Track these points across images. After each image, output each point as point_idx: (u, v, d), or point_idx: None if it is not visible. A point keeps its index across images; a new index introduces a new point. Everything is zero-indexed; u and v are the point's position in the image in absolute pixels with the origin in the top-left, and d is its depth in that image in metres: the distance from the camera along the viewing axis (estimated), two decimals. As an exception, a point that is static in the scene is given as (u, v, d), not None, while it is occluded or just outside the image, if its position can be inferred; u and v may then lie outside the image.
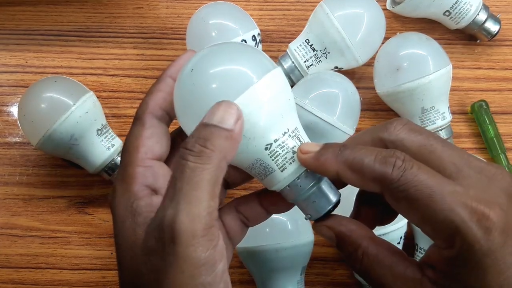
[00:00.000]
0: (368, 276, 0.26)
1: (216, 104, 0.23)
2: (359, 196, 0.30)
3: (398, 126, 0.26)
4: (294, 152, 0.26)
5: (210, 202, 0.22)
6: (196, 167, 0.22)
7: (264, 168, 0.26)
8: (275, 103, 0.25)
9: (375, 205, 0.28)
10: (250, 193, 0.30)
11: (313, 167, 0.26)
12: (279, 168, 0.26)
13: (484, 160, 0.26)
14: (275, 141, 0.25)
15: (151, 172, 0.26)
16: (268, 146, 0.25)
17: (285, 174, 0.26)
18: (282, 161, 0.25)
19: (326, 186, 0.27)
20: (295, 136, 0.26)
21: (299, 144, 0.26)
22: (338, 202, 0.27)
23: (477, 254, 0.22)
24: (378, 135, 0.26)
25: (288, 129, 0.26)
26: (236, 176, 0.29)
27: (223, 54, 0.25)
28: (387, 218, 0.29)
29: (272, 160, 0.25)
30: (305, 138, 0.27)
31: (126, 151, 0.27)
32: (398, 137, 0.25)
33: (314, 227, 0.28)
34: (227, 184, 0.29)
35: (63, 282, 0.46)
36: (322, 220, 0.27)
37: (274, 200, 0.28)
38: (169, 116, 0.28)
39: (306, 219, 0.27)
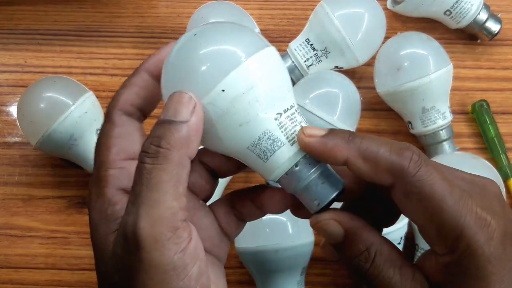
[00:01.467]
0: (375, 279, 0.24)
1: (169, 96, 0.22)
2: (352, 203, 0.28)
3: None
4: (302, 127, 0.24)
5: (172, 203, 0.21)
6: (153, 168, 0.21)
7: (272, 142, 0.24)
8: (284, 73, 0.25)
9: (371, 212, 0.27)
10: (244, 188, 0.28)
11: (318, 153, 0.24)
12: (289, 141, 0.24)
13: (470, 173, 0.25)
14: (285, 111, 0.24)
15: (125, 174, 0.25)
16: (278, 116, 0.24)
17: (295, 148, 0.24)
18: (291, 134, 0.24)
19: (331, 168, 0.25)
20: (300, 113, 0.25)
21: (306, 121, 0.24)
22: (344, 184, 0.25)
23: (479, 260, 0.22)
24: None
25: (294, 103, 0.25)
26: (222, 164, 0.27)
27: (226, 25, 0.25)
28: (385, 223, 0.28)
29: (282, 131, 0.24)
30: (305, 121, 0.25)
31: (98, 152, 0.25)
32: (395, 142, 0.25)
33: (316, 222, 0.25)
34: (216, 174, 0.28)
35: (63, 282, 0.46)
36: (325, 210, 0.25)
37: (266, 201, 0.27)
38: (141, 112, 0.27)
39: (312, 208, 0.24)
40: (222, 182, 0.46)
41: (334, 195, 0.24)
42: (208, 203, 0.29)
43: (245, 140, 0.24)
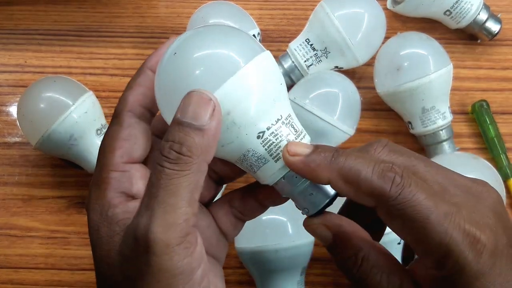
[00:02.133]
0: (362, 283, 0.24)
1: (188, 95, 0.22)
2: (344, 211, 0.29)
3: (378, 148, 0.25)
4: (288, 141, 0.24)
5: (187, 209, 0.21)
6: (173, 173, 0.21)
7: (256, 159, 0.24)
8: (267, 88, 0.23)
9: (362, 221, 0.27)
10: (243, 186, 0.28)
11: (301, 172, 0.24)
12: (273, 158, 0.24)
13: (469, 177, 0.25)
14: (268, 128, 0.23)
15: (127, 177, 0.25)
16: (261, 135, 0.23)
17: (280, 164, 0.24)
18: (276, 150, 0.24)
19: None
20: (289, 123, 0.24)
21: (294, 133, 0.24)
22: (336, 194, 0.25)
23: (467, 277, 0.21)
24: None
25: (281, 115, 0.24)
26: (228, 170, 0.27)
27: (208, 37, 0.24)
28: (374, 236, 0.27)
29: (265, 149, 0.24)
30: (299, 127, 0.25)
31: (102, 153, 0.25)
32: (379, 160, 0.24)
33: (308, 225, 0.25)
34: (221, 179, 0.28)
35: (63, 282, 0.46)
36: (318, 216, 0.25)
37: (269, 192, 0.27)
38: (150, 113, 0.26)
39: (304, 214, 0.25)
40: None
41: (322, 205, 0.25)
42: None
43: (231, 156, 0.24)
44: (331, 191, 0.25)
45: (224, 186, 0.46)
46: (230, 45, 0.23)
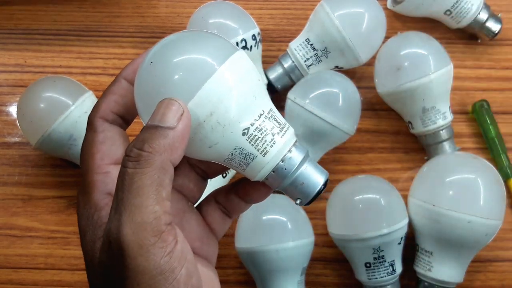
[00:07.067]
0: None
1: (159, 103, 0.22)
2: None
3: None
4: (273, 134, 0.24)
5: (155, 207, 0.21)
6: (135, 173, 0.21)
7: (244, 156, 0.24)
8: (245, 85, 0.24)
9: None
10: (227, 184, 0.29)
11: None
12: (260, 153, 0.24)
13: None
14: (252, 124, 0.24)
15: (111, 178, 0.25)
16: (246, 131, 0.24)
17: (268, 158, 0.24)
18: (262, 144, 0.24)
19: (312, 165, 0.25)
20: (271, 117, 0.25)
21: (278, 126, 0.25)
22: (327, 180, 0.25)
23: None
24: None
25: (263, 110, 0.24)
26: (212, 165, 0.28)
27: (182, 44, 0.24)
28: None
29: (252, 145, 0.24)
30: (282, 120, 0.25)
31: (83, 160, 0.26)
32: None
33: None
34: (207, 174, 0.29)
35: (63, 282, 0.46)
36: (312, 202, 0.25)
37: (249, 190, 0.27)
38: (123, 119, 0.27)
39: (298, 204, 0.26)
40: (222, 183, 0.46)
41: (315, 193, 0.25)
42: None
43: (220, 156, 0.25)
44: (321, 176, 0.25)
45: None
46: (204, 49, 0.24)
